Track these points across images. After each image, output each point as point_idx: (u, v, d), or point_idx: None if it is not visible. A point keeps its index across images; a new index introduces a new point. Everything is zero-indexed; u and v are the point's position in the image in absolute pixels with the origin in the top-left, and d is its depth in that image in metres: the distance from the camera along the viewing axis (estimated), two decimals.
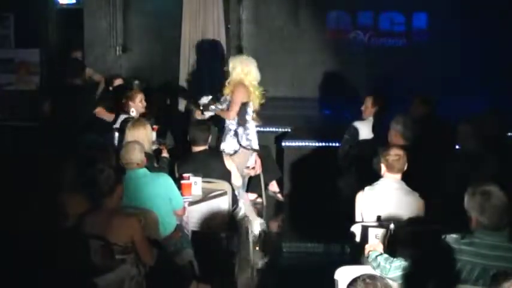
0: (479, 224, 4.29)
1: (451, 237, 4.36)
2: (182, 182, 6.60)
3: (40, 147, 8.50)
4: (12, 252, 5.03)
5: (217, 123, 8.64)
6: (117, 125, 8.15)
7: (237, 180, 7.39)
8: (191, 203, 6.53)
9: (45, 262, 4.97)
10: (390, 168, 5.76)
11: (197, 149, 7.21)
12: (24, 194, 5.72)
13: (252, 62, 8.46)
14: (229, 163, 7.32)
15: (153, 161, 7.09)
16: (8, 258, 4.98)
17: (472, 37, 10.86)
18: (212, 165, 7.13)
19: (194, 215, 6.59)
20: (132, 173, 6.00)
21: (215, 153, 7.58)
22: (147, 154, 6.43)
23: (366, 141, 7.87)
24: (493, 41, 10.84)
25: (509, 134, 8.75)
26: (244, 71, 8.36)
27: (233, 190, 7.09)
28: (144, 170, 6.10)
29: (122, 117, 8.20)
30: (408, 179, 5.83)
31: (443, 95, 9.65)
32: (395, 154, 5.78)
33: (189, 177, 6.67)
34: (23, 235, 5.17)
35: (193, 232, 6.50)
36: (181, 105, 10.69)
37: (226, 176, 7.14)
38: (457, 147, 7.12)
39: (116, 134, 7.99)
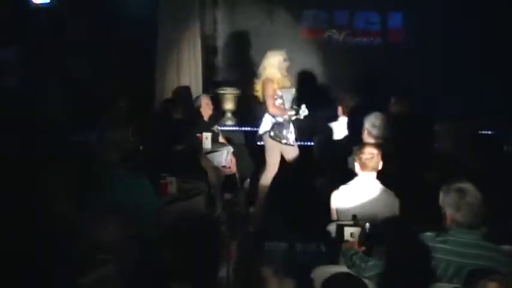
0: (454, 222, 4.31)
1: (426, 236, 4.38)
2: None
3: None
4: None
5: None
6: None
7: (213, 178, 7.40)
8: (167, 203, 6.50)
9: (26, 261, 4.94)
10: (364, 167, 5.77)
11: (176, 147, 7.20)
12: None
13: (270, 56, 8.62)
14: (205, 162, 7.31)
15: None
16: None
17: (448, 37, 10.90)
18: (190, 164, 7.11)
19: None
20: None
21: (193, 151, 7.56)
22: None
23: (340, 140, 7.88)
24: (468, 40, 10.89)
25: (486, 132, 8.83)
26: (263, 65, 8.60)
27: (210, 189, 7.07)
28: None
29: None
30: (385, 177, 5.85)
31: (419, 94, 9.69)
32: (368, 153, 5.78)
33: (165, 176, 6.65)
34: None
35: None
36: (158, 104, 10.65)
37: (203, 175, 7.13)
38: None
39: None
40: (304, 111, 8.40)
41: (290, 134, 8.47)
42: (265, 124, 8.48)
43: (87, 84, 9.86)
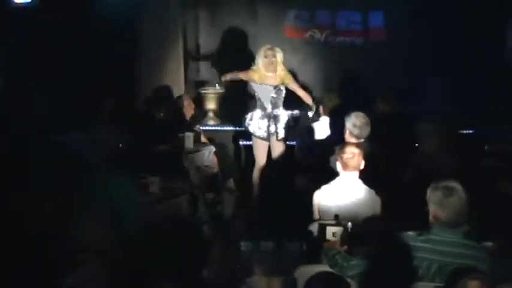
0: (436, 219, 4.32)
1: (408, 235, 4.39)
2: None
3: None
4: None
5: None
6: None
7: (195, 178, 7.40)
8: (149, 203, 6.49)
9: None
10: (345, 167, 5.77)
11: (158, 147, 7.18)
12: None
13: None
14: (187, 162, 7.30)
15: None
16: None
17: (429, 36, 10.93)
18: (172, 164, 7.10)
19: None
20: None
21: (175, 151, 7.55)
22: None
23: (322, 140, 7.89)
24: (450, 40, 10.92)
25: (469, 131, 8.86)
26: None
27: (192, 189, 7.06)
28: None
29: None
30: (368, 176, 5.86)
31: (402, 94, 9.71)
32: (349, 152, 5.80)
33: (147, 176, 6.64)
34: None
35: None
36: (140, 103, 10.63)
37: (185, 174, 7.12)
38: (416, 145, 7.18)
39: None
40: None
41: (264, 127, 8.55)
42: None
43: (69, 85, 9.81)
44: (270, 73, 8.65)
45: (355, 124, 6.73)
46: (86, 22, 10.54)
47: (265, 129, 8.62)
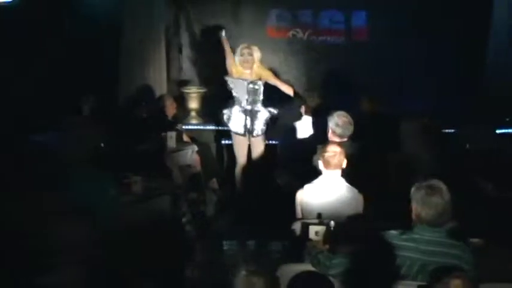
0: (419, 218, 4.34)
1: (391, 234, 4.41)
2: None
3: None
4: None
5: None
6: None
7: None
8: (131, 202, 6.47)
9: None
10: (327, 165, 5.78)
11: (141, 146, 7.17)
12: None
13: None
14: (170, 161, 7.28)
15: None
16: None
17: (413, 36, 10.96)
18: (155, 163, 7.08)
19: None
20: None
21: (158, 150, 7.54)
22: None
23: (304, 139, 7.90)
24: (433, 40, 10.96)
25: (450, 130, 8.89)
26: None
27: (175, 188, 7.05)
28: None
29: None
30: (351, 175, 5.87)
31: (384, 93, 9.73)
32: (331, 151, 5.80)
33: (129, 176, 6.62)
34: None
35: None
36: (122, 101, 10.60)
37: (168, 174, 7.11)
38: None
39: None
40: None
41: (241, 123, 8.59)
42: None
43: (48, 83, 9.78)
44: (246, 70, 8.70)
45: (337, 123, 6.73)
46: (68, 21, 10.50)
47: (243, 125, 8.66)
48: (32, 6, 10.07)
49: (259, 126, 8.65)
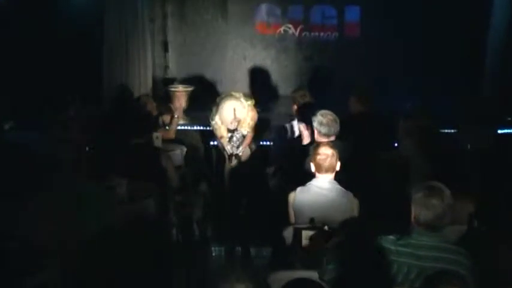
0: (418, 221, 4.34)
1: (388, 239, 4.41)
2: None
3: None
4: None
5: None
6: None
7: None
8: (116, 204, 6.45)
9: None
10: (319, 169, 5.75)
11: (130, 145, 7.15)
12: None
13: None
14: (165, 160, 7.27)
15: None
16: None
17: (407, 32, 10.99)
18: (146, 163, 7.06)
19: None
20: None
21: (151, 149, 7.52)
22: None
23: (295, 139, 7.88)
24: (431, 37, 10.99)
25: (451, 131, 8.90)
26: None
27: (164, 190, 7.03)
28: None
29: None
30: (343, 178, 5.86)
31: (377, 91, 9.75)
32: (323, 153, 5.76)
33: (114, 178, 6.60)
34: None
35: None
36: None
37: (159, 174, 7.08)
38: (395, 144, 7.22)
39: None
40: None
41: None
42: None
43: (30, 83, 9.76)
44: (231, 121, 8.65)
45: (321, 122, 6.68)
46: (50, 18, 10.48)
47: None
48: (14, 3, 10.08)
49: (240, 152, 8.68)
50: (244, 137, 8.60)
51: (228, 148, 8.63)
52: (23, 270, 5.02)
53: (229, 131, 8.61)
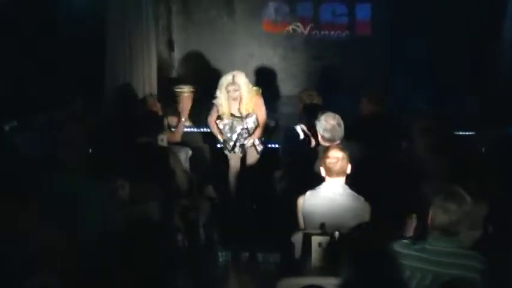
0: (433, 224, 4.33)
1: (401, 243, 4.41)
2: None
3: None
4: None
5: None
6: None
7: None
8: (119, 208, 6.44)
9: None
10: (329, 172, 5.71)
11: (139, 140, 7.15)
12: None
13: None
14: (174, 161, 7.26)
15: None
16: None
17: (419, 30, 10.96)
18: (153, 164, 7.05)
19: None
20: None
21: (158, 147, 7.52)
22: None
23: (305, 141, 7.86)
24: (440, 34, 10.96)
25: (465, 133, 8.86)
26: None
27: (170, 193, 7.02)
28: None
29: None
30: (355, 181, 5.83)
31: (388, 91, 9.73)
32: (332, 157, 5.73)
33: (116, 180, 6.59)
34: None
35: None
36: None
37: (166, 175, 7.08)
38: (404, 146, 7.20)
39: None
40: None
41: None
42: None
43: (33, 82, 9.78)
44: (234, 105, 8.57)
45: (325, 128, 6.64)
46: (51, 16, 10.49)
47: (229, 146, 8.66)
48: (14, 3, 10.10)
49: (247, 144, 8.62)
50: (252, 129, 8.55)
51: (228, 136, 8.58)
52: (22, 271, 5.01)
53: (233, 116, 8.56)
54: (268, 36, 11.73)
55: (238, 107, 8.50)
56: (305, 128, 7.53)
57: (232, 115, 8.52)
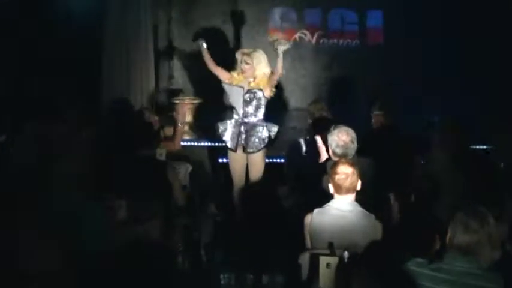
0: (451, 243, 4.32)
1: (416, 262, 4.40)
2: None
3: None
4: None
5: None
6: None
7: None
8: (116, 228, 6.43)
9: None
10: (338, 189, 5.64)
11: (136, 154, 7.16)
12: None
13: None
14: (172, 176, 7.26)
15: None
16: None
17: (432, 37, 10.97)
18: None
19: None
20: None
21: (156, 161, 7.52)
22: None
23: (312, 156, 7.84)
24: (453, 40, 10.97)
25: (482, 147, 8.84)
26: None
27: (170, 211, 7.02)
28: None
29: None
30: (365, 198, 5.81)
31: (402, 102, 9.72)
32: (342, 173, 5.67)
33: (113, 199, 6.59)
34: None
35: None
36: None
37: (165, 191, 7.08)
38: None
39: None
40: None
41: (233, 136, 8.55)
42: None
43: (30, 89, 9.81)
44: (246, 79, 8.60)
45: (337, 144, 6.58)
46: (49, 23, 10.53)
47: (235, 140, 8.58)
48: (11, 6, 10.15)
49: (255, 142, 8.55)
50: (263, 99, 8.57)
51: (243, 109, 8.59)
52: None
53: (248, 92, 8.57)
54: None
55: (249, 83, 8.56)
56: (320, 141, 7.50)
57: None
